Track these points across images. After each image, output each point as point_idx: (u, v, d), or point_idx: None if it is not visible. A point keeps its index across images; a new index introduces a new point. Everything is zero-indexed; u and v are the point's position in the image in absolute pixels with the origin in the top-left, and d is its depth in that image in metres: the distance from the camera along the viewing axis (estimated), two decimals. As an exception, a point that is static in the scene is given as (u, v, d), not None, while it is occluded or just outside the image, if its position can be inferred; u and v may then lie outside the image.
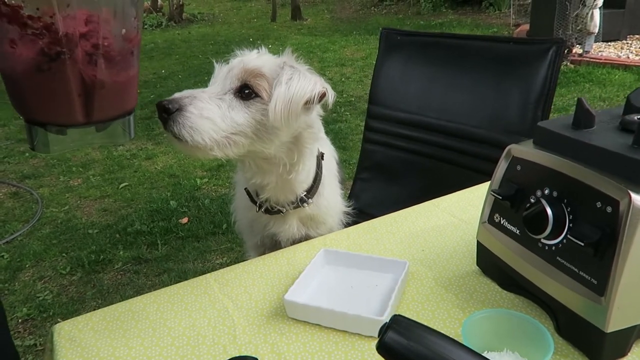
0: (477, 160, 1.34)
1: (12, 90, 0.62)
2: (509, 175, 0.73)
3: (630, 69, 5.02)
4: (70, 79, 0.59)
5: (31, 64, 0.57)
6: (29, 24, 0.56)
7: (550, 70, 1.21)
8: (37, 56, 0.57)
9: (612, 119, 0.69)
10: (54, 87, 0.60)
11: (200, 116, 0.84)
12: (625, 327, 0.58)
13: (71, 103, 0.61)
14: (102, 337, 0.71)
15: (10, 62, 0.59)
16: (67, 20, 0.56)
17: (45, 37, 0.56)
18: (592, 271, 0.59)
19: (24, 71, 0.59)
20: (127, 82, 0.66)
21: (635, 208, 0.55)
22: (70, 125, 0.63)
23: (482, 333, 0.61)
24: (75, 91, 0.60)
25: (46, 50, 0.57)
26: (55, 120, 0.62)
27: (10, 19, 0.55)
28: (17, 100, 0.62)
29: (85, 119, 0.62)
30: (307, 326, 0.71)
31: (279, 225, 1.09)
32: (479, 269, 0.80)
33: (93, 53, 0.59)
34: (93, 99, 0.61)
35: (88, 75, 0.60)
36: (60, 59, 0.57)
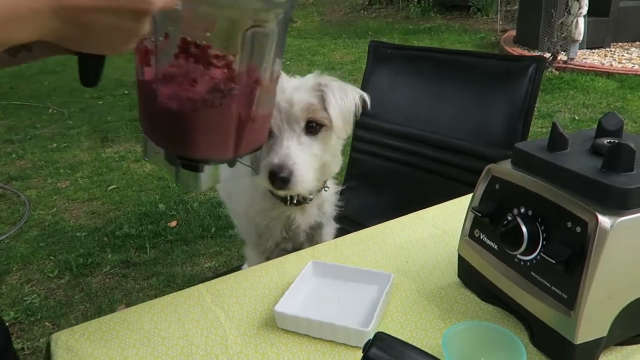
0: (461, 171, 1.38)
1: (174, 129, 0.62)
2: (489, 194, 0.77)
3: (613, 76, 5.13)
4: (233, 114, 0.61)
5: (204, 100, 0.59)
6: (213, 63, 0.58)
7: (530, 86, 1.26)
8: (210, 93, 0.59)
9: (585, 141, 0.73)
10: (218, 122, 0.62)
11: (305, 170, 0.99)
12: (592, 338, 0.63)
13: (228, 137, 0.63)
14: (98, 347, 0.73)
15: (181, 101, 0.60)
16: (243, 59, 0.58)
17: (225, 74, 0.58)
18: (563, 286, 0.63)
19: (195, 108, 0.60)
20: (268, 116, 0.70)
21: (601, 229, 0.59)
22: (219, 161, 0.65)
23: (461, 344, 0.65)
24: (233, 126, 0.62)
25: (222, 86, 0.59)
26: (211, 155, 0.64)
27: (197, 59, 0.57)
28: (177, 137, 0.63)
29: (234, 153, 0.65)
30: (296, 336, 0.74)
31: (300, 215, 1.20)
32: (460, 281, 0.84)
33: (253, 89, 0.62)
34: (243, 133, 0.64)
35: (244, 110, 0.62)
36: (231, 95, 0.60)
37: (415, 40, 7.63)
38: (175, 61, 0.58)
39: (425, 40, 7.69)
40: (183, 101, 0.60)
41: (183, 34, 0.58)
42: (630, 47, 6.20)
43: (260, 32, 0.59)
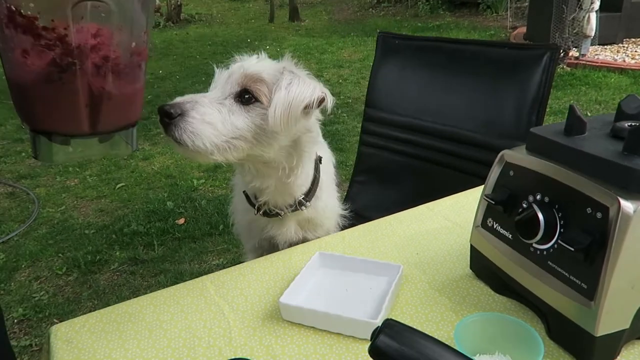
0: (472, 163, 1.35)
1: (20, 99, 0.62)
2: (502, 181, 0.74)
3: (626, 72, 5.05)
4: (79, 90, 0.60)
5: (42, 74, 0.58)
6: (43, 35, 0.56)
7: (544, 76, 1.22)
8: (48, 66, 0.57)
9: (604, 125, 0.70)
10: (62, 97, 0.60)
11: (202, 121, 0.85)
12: (614, 331, 0.59)
13: (78, 113, 0.61)
14: (99, 339, 0.71)
15: (20, 72, 0.59)
16: (79, 33, 0.57)
17: (58, 48, 0.57)
18: (582, 276, 0.60)
19: (34, 81, 0.59)
20: (133, 94, 0.67)
21: (624, 214, 0.56)
22: (75, 136, 0.63)
23: (474, 336, 0.62)
24: (83, 102, 0.61)
25: (58, 60, 0.57)
26: (62, 130, 0.63)
27: (25, 29, 0.56)
28: (24, 109, 0.63)
29: (90, 129, 0.63)
30: (302, 328, 0.71)
31: (277, 228, 1.10)
32: (472, 273, 0.81)
33: (102, 65, 0.60)
34: (99, 110, 0.62)
35: (96, 86, 0.60)
36: (71, 70, 0.58)
37: (424, 38, 7.58)
38: (6, 30, 0.57)
39: (435, 37, 7.64)
40: (23, 72, 0.59)
41: (7, 2, 0.56)
42: (644, 42, 6.10)
43: (98, 6, 0.57)
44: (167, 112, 0.83)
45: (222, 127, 0.87)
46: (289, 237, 1.11)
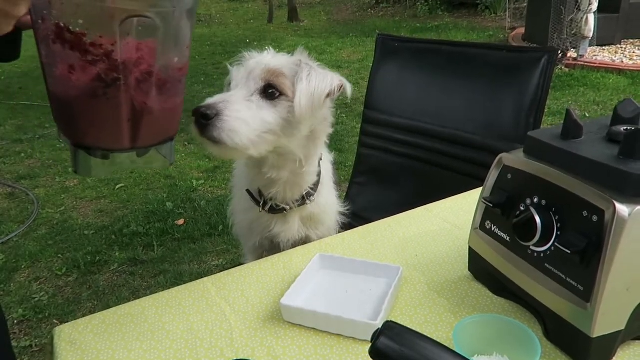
0: (471, 165, 1.36)
1: (62, 114, 0.63)
2: (500, 184, 0.75)
3: (624, 73, 5.06)
4: (123, 105, 0.60)
5: (87, 89, 0.58)
6: (90, 51, 0.57)
7: (542, 79, 1.23)
8: (93, 82, 0.58)
9: (600, 129, 0.71)
10: (106, 112, 0.61)
11: (237, 119, 0.87)
12: (610, 332, 0.60)
13: (120, 128, 0.62)
14: (102, 340, 0.72)
15: (65, 87, 0.59)
16: (125, 48, 0.57)
17: (104, 63, 0.57)
18: (578, 278, 0.61)
19: (79, 96, 0.59)
20: (173, 108, 0.67)
21: (619, 218, 0.57)
22: (115, 150, 0.64)
23: (472, 337, 0.63)
24: (125, 117, 0.61)
25: (103, 76, 0.58)
26: (103, 145, 0.63)
27: (72, 45, 0.56)
28: (66, 123, 0.63)
29: (131, 144, 0.63)
30: (302, 330, 0.72)
31: (280, 225, 1.11)
32: (471, 274, 0.82)
33: (145, 80, 0.61)
34: (140, 125, 0.62)
35: (139, 101, 0.61)
36: (115, 85, 0.59)
37: (423, 39, 7.60)
38: (53, 46, 0.57)
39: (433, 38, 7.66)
40: (68, 88, 0.59)
41: (56, 19, 0.56)
42: (642, 43, 6.12)
43: (144, 23, 0.58)
44: (204, 114, 0.85)
45: (254, 122, 0.89)
46: (292, 235, 1.12)
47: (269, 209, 1.07)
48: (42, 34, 0.58)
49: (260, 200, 1.07)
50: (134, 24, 0.57)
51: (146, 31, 0.58)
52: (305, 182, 1.07)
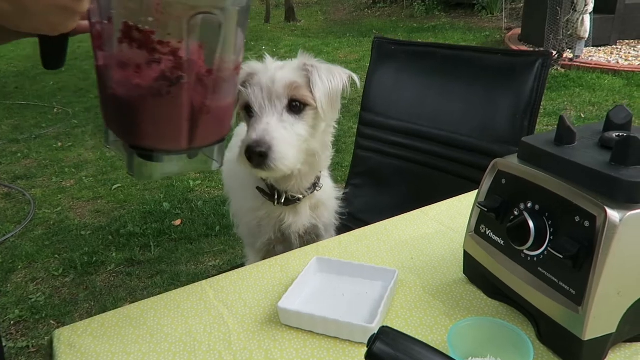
0: (466, 168, 1.37)
1: (122, 117, 0.62)
2: (495, 188, 0.76)
3: (619, 74, 5.09)
4: (184, 104, 0.60)
5: (152, 88, 0.58)
6: (157, 49, 0.56)
7: (537, 82, 1.24)
8: (158, 81, 0.57)
9: (593, 135, 0.72)
10: (168, 111, 0.60)
11: (284, 146, 0.94)
12: (601, 335, 0.62)
13: (180, 128, 0.61)
14: (101, 343, 0.73)
15: (128, 88, 0.58)
16: (190, 46, 0.57)
17: (170, 61, 0.57)
18: (570, 282, 0.62)
19: (142, 96, 0.58)
20: (227, 108, 0.67)
21: (610, 223, 0.58)
22: (172, 152, 0.63)
23: (466, 340, 0.64)
24: (185, 116, 0.61)
25: (168, 74, 0.57)
26: (161, 146, 0.63)
27: (140, 44, 0.56)
28: (125, 126, 0.62)
29: (188, 145, 0.63)
30: (300, 333, 0.73)
31: (292, 216, 1.16)
32: (466, 277, 0.83)
33: (205, 79, 0.60)
34: (198, 125, 0.62)
35: (198, 100, 0.60)
36: (179, 84, 0.58)
37: (419, 39, 7.61)
38: (119, 46, 0.57)
39: (430, 38, 7.68)
40: (130, 88, 0.58)
41: (124, 18, 0.56)
42: (637, 44, 6.15)
43: (209, 20, 0.57)
44: (261, 153, 0.92)
45: (294, 142, 0.97)
46: (303, 224, 1.17)
47: (284, 201, 1.11)
48: (107, 35, 0.57)
49: (274, 194, 1.10)
50: (199, 21, 0.56)
51: (210, 28, 0.58)
52: (318, 170, 1.12)
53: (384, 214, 1.15)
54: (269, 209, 1.14)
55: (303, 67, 1.01)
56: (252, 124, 0.97)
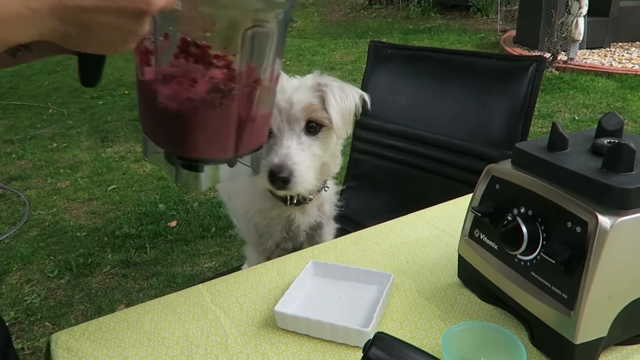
0: (461, 171, 1.38)
1: (171, 128, 0.63)
2: (489, 194, 0.77)
3: (613, 76, 5.13)
4: (233, 115, 0.62)
5: (204, 101, 0.59)
6: (213, 63, 0.58)
7: (530, 87, 1.26)
8: (211, 93, 0.59)
9: (585, 141, 0.73)
10: (219, 122, 0.62)
11: (304, 169, 1.00)
12: (592, 338, 0.63)
13: (228, 138, 0.63)
14: (99, 347, 0.73)
15: (180, 101, 0.60)
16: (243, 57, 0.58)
17: (224, 74, 0.58)
18: (563, 286, 0.63)
19: (195, 108, 0.60)
20: (267, 117, 0.69)
21: (601, 229, 0.59)
22: (217, 161, 0.65)
23: (460, 344, 0.65)
24: (233, 126, 0.62)
25: (222, 86, 0.59)
26: (210, 156, 0.64)
27: (197, 58, 0.57)
28: (174, 138, 0.63)
29: (234, 153, 0.65)
30: (296, 336, 0.74)
31: (301, 215, 1.21)
32: (460, 281, 0.84)
33: (253, 89, 0.62)
34: (243, 134, 0.64)
35: (244, 110, 0.62)
36: (230, 95, 0.60)
37: (415, 40, 7.63)
38: (175, 61, 0.58)
39: (425, 40, 7.70)
40: (182, 101, 0.59)
41: (183, 34, 0.58)
42: (630, 47, 6.20)
43: (260, 32, 0.59)
44: (284, 179, 0.97)
45: (312, 163, 1.03)
46: (311, 222, 1.24)
47: (296, 201, 1.16)
48: (161, 50, 0.59)
49: (286, 196, 1.14)
50: (252, 33, 0.58)
51: (260, 40, 0.60)
52: (328, 176, 1.18)
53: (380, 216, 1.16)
54: (280, 209, 1.18)
55: (317, 87, 1.05)
56: (272, 145, 1.01)
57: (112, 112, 5.00)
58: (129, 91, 5.61)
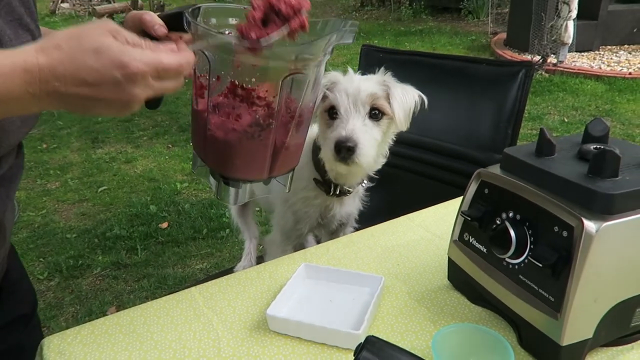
0: (452, 174, 1.40)
1: (219, 153, 0.73)
2: (478, 198, 0.78)
3: (601, 79, 5.19)
4: (270, 144, 0.72)
5: (246, 133, 0.69)
6: (256, 103, 0.68)
7: (520, 92, 1.27)
8: (251, 127, 0.69)
9: (572, 146, 0.75)
10: (257, 151, 0.72)
11: (367, 145, 1.07)
12: (578, 340, 0.64)
13: (264, 163, 0.73)
14: (91, 351, 0.73)
15: (226, 131, 0.70)
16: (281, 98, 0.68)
17: (264, 112, 0.68)
18: (550, 289, 0.65)
19: (238, 138, 0.70)
20: (301, 144, 0.80)
21: (587, 234, 0.60)
22: (255, 181, 0.76)
23: (450, 346, 0.66)
24: (269, 154, 0.73)
25: (261, 121, 0.69)
26: (248, 177, 0.75)
27: (242, 98, 0.68)
28: (221, 161, 0.74)
29: (268, 175, 0.76)
30: (288, 339, 0.75)
31: (339, 205, 1.30)
32: (450, 284, 0.85)
33: (289, 122, 0.71)
34: (278, 159, 0.74)
35: (280, 140, 0.72)
36: (269, 129, 0.70)
37: (406, 42, 7.67)
38: (224, 99, 0.68)
39: (417, 42, 7.73)
40: (228, 132, 0.69)
41: (232, 78, 0.67)
42: (619, 50, 6.28)
43: (298, 77, 0.68)
44: (350, 147, 1.04)
45: (373, 143, 1.10)
46: (347, 212, 1.32)
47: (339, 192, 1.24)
48: (213, 88, 0.69)
49: (330, 186, 1.22)
50: (291, 79, 0.68)
51: (298, 83, 0.69)
52: (373, 169, 1.23)
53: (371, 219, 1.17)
54: (322, 198, 1.26)
55: (382, 82, 1.14)
56: (337, 125, 1.10)
57: (103, 113, 4.96)
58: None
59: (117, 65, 0.53)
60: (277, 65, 0.67)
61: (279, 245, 1.37)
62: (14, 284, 0.90)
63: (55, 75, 0.52)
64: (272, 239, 1.41)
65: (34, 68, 0.51)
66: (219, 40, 0.66)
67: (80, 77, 0.52)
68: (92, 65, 0.52)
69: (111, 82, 0.53)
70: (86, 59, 0.52)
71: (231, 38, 0.66)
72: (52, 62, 0.52)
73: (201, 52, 0.66)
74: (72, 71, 0.52)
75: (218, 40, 0.66)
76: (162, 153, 3.93)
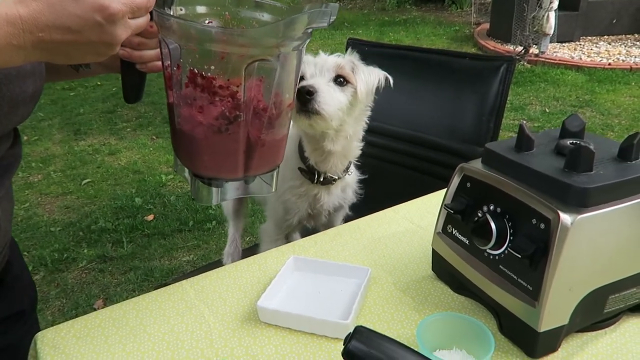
0: (436, 166, 1.43)
1: (187, 149, 0.71)
2: (460, 191, 0.81)
3: (582, 69, 5.29)
4: (241, 139, 0.68)
5: (212, 126, 0.66)
6: (218, 93, 0.64)
7: (501, 86, 1.31)
8: (217, 120, 0.65)
9: (550, 141, 0.78)
10: (226, 146, 0.68)
11: (328, 96, 1.11)
12: (554, 326, 0.68)
13: (236, 160, 0.69)
14: (85, 344, 0.75)
15: (192, 125, 0.67)
16: (247, 88, 0.64)
17: (229, 103, 0.65)
18: (528, 279, 0.68)
19: (205, 132, 0.66)
20: (281, 140, 0.75)
21: (563, 226, 0.63)
22: (230, 179, 0.71)
23: (434, 334, 0.69)
24: (241, 149, 0.68)
25: (227, 114, 0.65)
26: (221, 175, 0.71)
27: (203, 88, 0.64)
28: (190, 157, 0.71)
29: (243, 174, 0.71)
30: (278, 330, 0.77)
31: (326, 194, 1.32)
32: (434, 274, 0.89)
33: (261, 116, 0.67)
34: (253, 156, 0.70)
35: (254, 135, 0.68)
36: (237, 122, 0.66)
37: (391, 33, 7.68)
38: (186, 89, 0.65)
39: (401, 32, 7.76)
40: (194, 125, 0.66)
41: (191, 66, 0.64)
42: (599, 40, 6.39)
43: (264, 66, 0.65)
44: (309, 91, 1.08)
45: (336, 100, 1.13)
46: (334, 202, 1.35)
47: (323, 180, 1.27)
48: (176, 79, 0.66)
49: (314, 174, 1.26)
50: (255, 66, 0.64)
51: (265, 72, 0.65)
52: (351, 157, 1.29)
53: (358, 211, 1.20)
54: (307, 187, 1.29)
55: (350, 60, 1.21)
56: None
57: (85, 104, 4.90)
58: (101, 82, 5.49)
59: (97, 8, 0.53)
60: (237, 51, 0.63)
61: (271, 235, 1.41)
62: (15, 277, 0.90)
63: (38, 26, 0.52)
64: (265, 228, 1.44)
65: (16, 20, 0.51)
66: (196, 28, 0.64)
67: (63, 24, 0.53)
68: (72, 11, 0.53)
69: (94, 25, 0.54)
70: (65, 5, 0.53)
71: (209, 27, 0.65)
72: (32, 13, 0.52)
73: (162, 39, 0.65)
74: (54, 20, 0.53)
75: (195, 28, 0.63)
76: (146, 145, 3.90)
